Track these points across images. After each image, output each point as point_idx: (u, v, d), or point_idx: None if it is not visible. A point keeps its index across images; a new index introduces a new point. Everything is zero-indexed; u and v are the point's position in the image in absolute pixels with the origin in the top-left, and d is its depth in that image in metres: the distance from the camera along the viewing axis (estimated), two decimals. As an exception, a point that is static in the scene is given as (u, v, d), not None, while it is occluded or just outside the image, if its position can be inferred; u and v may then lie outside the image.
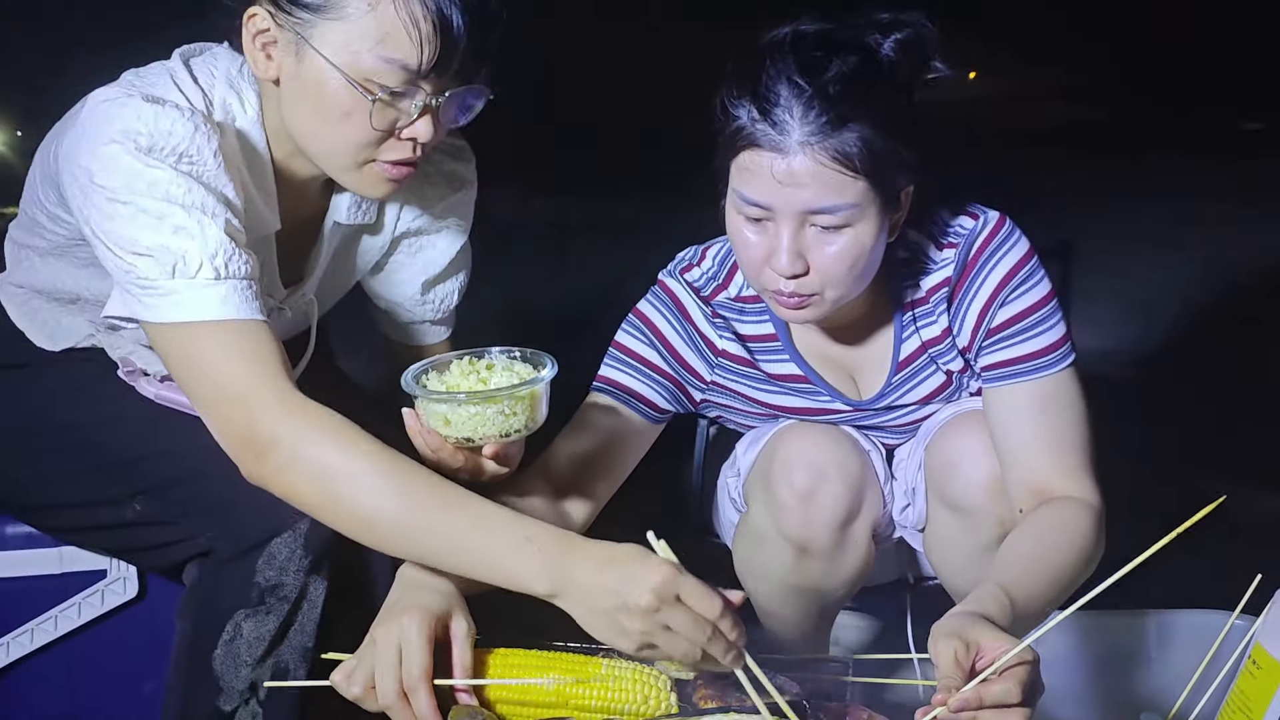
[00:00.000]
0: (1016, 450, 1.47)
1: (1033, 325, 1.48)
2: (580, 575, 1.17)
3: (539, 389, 1.30)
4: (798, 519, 1.53)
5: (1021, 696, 1.09)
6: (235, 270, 1.28)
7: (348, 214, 1.53)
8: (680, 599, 1.15)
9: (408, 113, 1.33)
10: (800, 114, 1.31)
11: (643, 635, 1.15)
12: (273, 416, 1.25)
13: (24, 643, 1.62)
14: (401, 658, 1.16)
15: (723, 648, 1.16)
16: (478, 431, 1.28)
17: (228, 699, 1.41)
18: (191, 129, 1.29)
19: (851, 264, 1.37)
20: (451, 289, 1.71)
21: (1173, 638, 1.57)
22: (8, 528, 1.61)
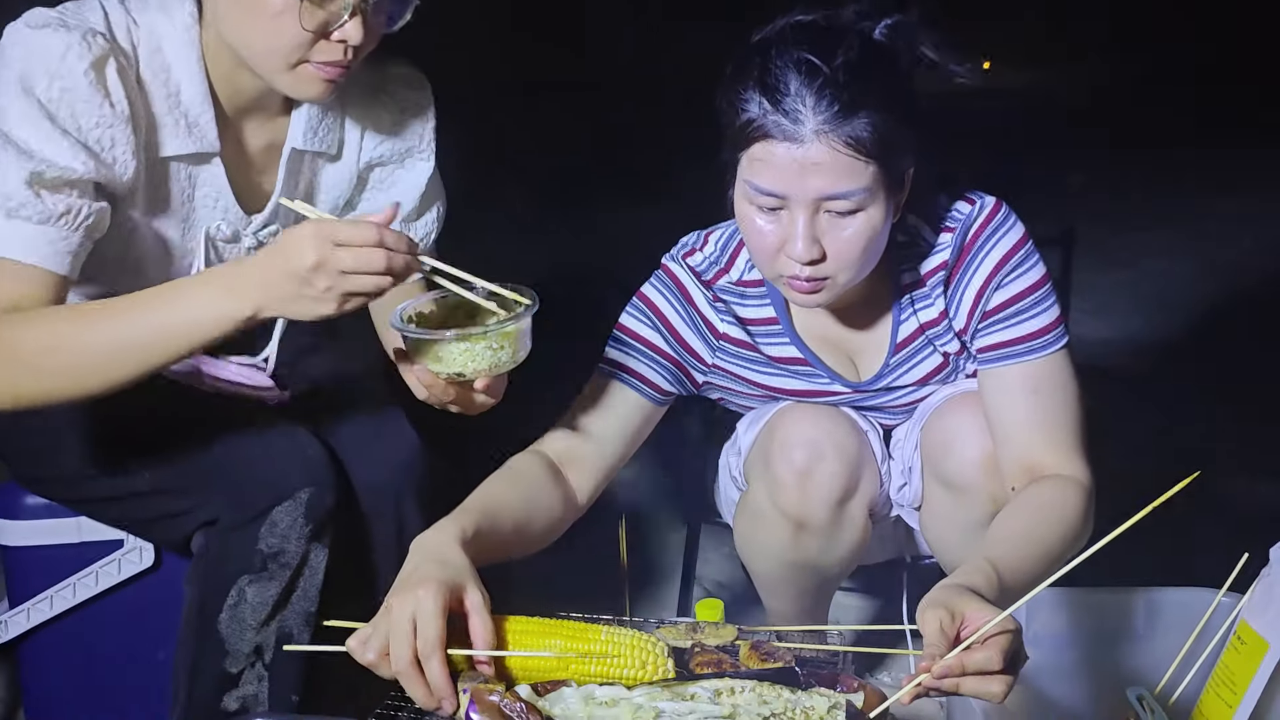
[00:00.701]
0: (1009, 429, 1.50)
1: (1027, 308, 1.51)
2: (260, 279, 1.25)
3: (525, 323, 1.35)
4: (795, 496, 1.56)
5: (1003, 664, 1.11)
6: (27, 214, 1.32)
7: (305, 139, 1.56)
8: (338, 242, 1.22)
9: (338, 15, 1.37)
10: (813, 103, 1.33)
11: (329, 291, 1.22)
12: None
13: (43, 609, 1.66)
14: (416, 627, 1.19)
15: (401, 261, 1.24)
16: (468, 367, 1.33)
17: (234, 661, 1.46)
18: (63, 48, 1.34)
19: (865, 247, 1.40)
20: (429, 222, 1.71)
21: (1161, 614, 1.59)
22: (28, 498, 1.65)
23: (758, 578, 1.73)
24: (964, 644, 1.12)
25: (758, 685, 1.21)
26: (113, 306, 1.32)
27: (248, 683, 1.48)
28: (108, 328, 1.30)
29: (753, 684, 1.21)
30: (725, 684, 1.22)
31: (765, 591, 1.75)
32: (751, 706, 1.18)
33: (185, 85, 1.45)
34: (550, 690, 1.23)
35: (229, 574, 1.47)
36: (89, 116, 1.36)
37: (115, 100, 1.38)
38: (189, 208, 1.52)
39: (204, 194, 1.52)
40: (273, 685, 1.49)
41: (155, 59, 1.43)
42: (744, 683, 1.22)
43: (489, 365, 1.33)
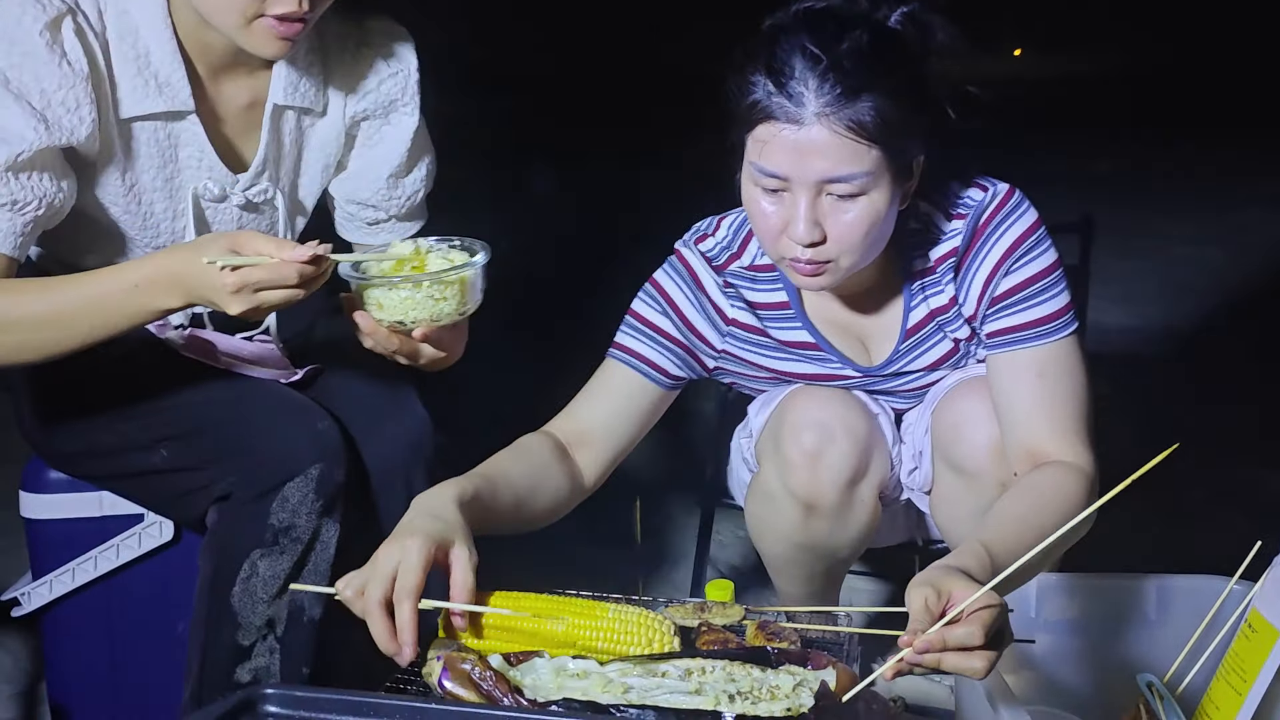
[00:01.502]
0: (1014, 414, 1.50)
1: (1036, 293, 1.51)
2: (183, 287, 1.31)
3: (468, 275, 1.35)
4: (805, 477, 1.57)
5: (984, 639, 1.11)
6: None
7: (285, 94, 1.56)
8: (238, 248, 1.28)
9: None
10: (815, 85, 1.34)
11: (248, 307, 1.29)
12: None
13: (65, 581, 1.69)
14: (397, 573, 1.21)
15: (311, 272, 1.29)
16: (409, 315, 1.34)
17: (246, 634, 1.48)
18: (18, 11, 1.36)
19: (866, 231, 1.40)
20: (418, 179, 1.70)
21: (1172, 601, 1.59)
22: (51, 473, 1.68)
23: (768, 559, 1.74)
24: (944, 619, 1.12)
25: (728, 664, 1.21)
26: (55, 284, 1.38)
27: (260, 655, 1.51)
28: (39, 314, 1.36)
29: (724, 663, 1.22)
30: (696, 663, 1.23)
31: (775, 573, 1.76)
32: (719, 684, 1.18)
33: (154, 45, 1.45)
34: (523, 660, 1.25)
35: (241, 548, 1.49)
36: (50, 79, 1.37)
37: (74, 60, 1.39)
38: (173, 168, 1.53)
39: (186, 154, 1.53)
40: (284, 658, 1.51)
41: (123, 21, 1.44)
42: (715, 662, 1.23)
43: (430, 314, 1.35)
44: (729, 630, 1.35)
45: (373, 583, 1.22)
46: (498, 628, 1.31)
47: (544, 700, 1.17)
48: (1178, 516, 2.43)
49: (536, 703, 1.17)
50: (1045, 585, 1.59)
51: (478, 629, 1.30)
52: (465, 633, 1.28)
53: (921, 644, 1.10)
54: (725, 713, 1.13)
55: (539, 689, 1.21)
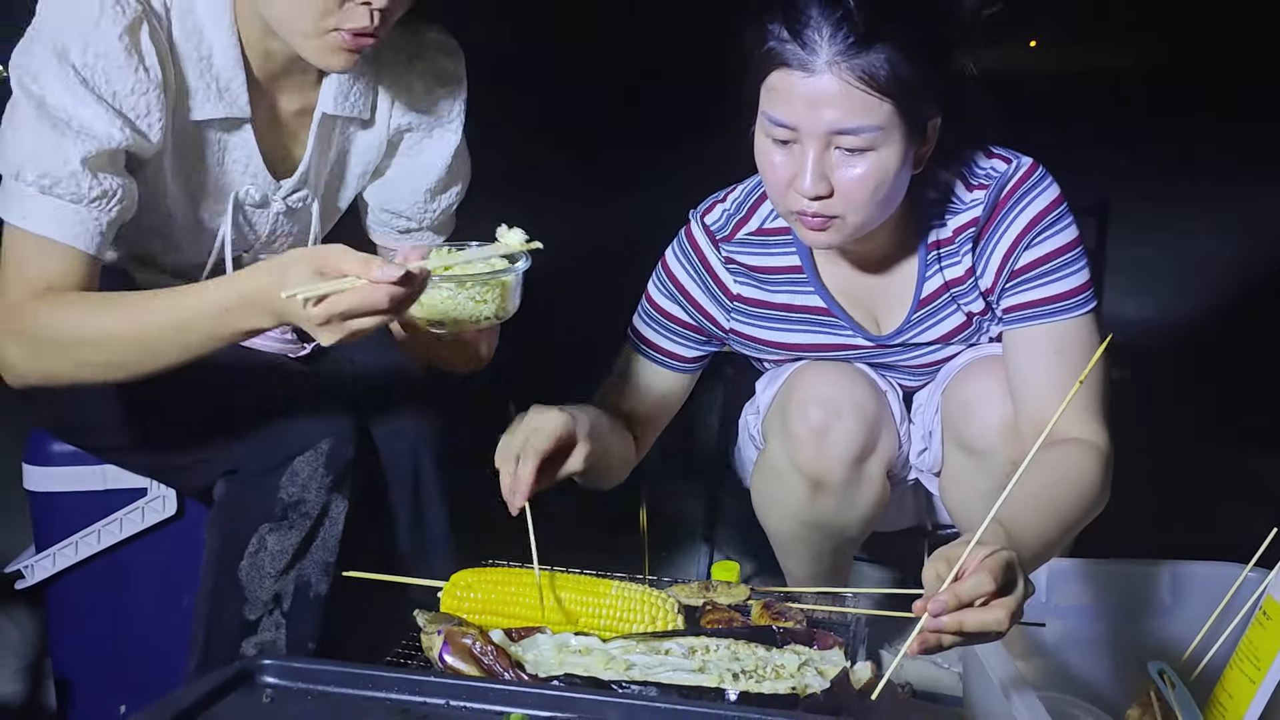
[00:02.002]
0: (1030, 390, 1.48)
1: (1057, 268, 1.49)
2: (269, 308, 1.25)
3: (510, 279, 1.34)
4: (812, 453, 1.55)
5: (995, 584, 1.08)
6: (61, 192, 1.33)
7: (335, 104, 1.55)
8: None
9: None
10: (829, 33, 1.33)
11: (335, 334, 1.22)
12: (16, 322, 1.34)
13: (69, 554, 1.68)
14: (531, 435, 1.34)
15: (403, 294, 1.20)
16: (449, 315, 1.32)
17: (252, 608, 1.47)
18: (96, 13, 1.33)
19: (874, 189, 1.38)
20: (454, 193, 1.69)
21: (1186, 588, 1.57)
22: (55, 445, 1.67)
23: (774, 538, 1.73)
24: (950, 575, 1.10)
25: (733, 643, 1.21)
26: (142, 304, 1.33)
27: (266, 630, 1.50)
28: (135, 324, 1.31)
29: (728, 642, 1.21)
30: (700, 641, 1.23)
31: (782, 552, 1.74)
32: (723, 662, 1.17)
33: (217, 49, 1.44)
34: (524, 636, 1.24)
35: (249, 522, 1.48)
36: (124, 83, 1.35)
37: (149, 65, 1.37)
38: (219, 171, 1.52)
39: (234, 158, 1.52)
40: (290, 633, 1.50)
41: (187, 21, 1.42)
42: (719, 640, 1.23)
43: (470, 315, 1.33)
44: (734, 610, 1.34)
45: (508, 436, 1.37)
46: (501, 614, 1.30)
47: (545, 676, 1.16)
48: (1192, 503, 2.41)
49: (537, 678, 1.16)
50: (1057, 571, 1.57)
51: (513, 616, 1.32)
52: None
53: (935, 605, 1.08)
54: (729, 690, 1.12)
55: (540, 665, 1.20)
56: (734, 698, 1.11)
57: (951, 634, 1.09)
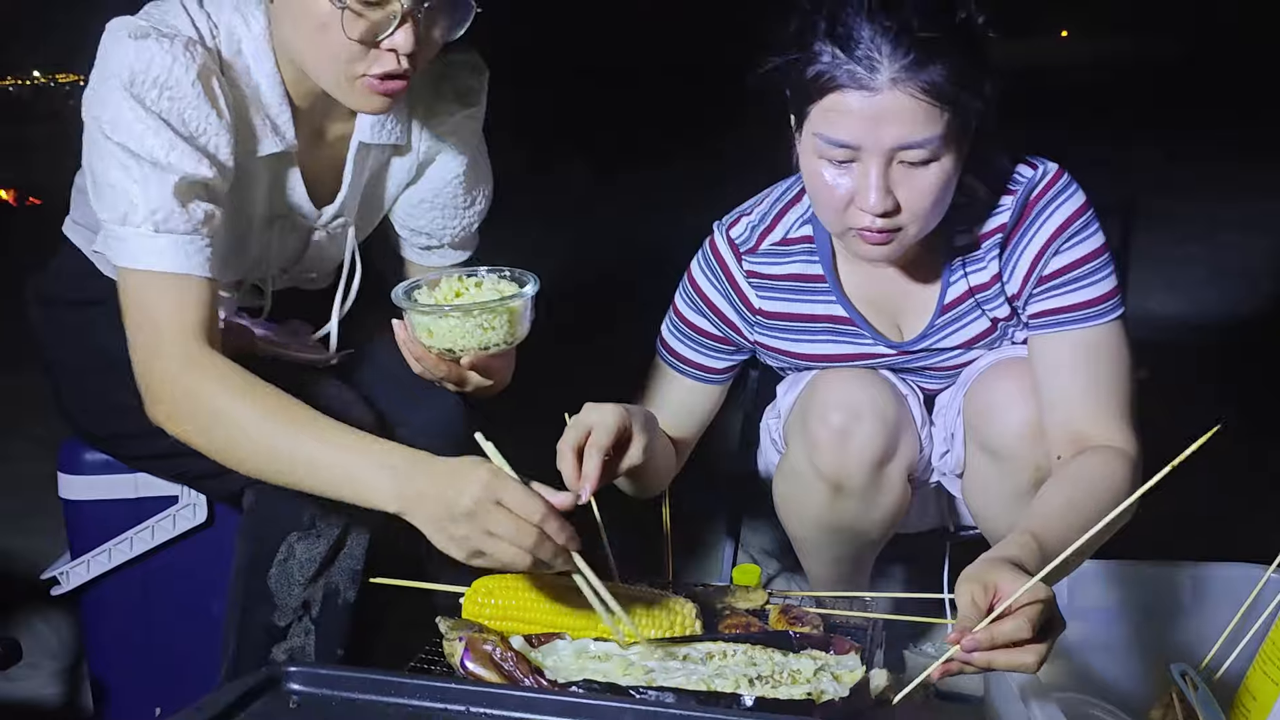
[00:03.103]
0: (1059, 397, 1.48)
1: (1085, 275, 1.49)
2: (422, 488, 1.23)
3: (517, 305, 1.37)
4: (832, 457, 1.56)
5: (1033, 632, 1.10)
6: (174, 225, 1.36)
7: (372, 133, 1.56)
8: (501, 503, 1.19)
9: (386, 23, 1.36)
10: (889, 50, 1.33)
11: (467, 540, 1.20)
12: (168, 371, 1.35)
13: (102, 561, 1.72)
14: (593, 429, 1.34)
15: (550, 550, 1.20)
16: (457, 343, 1.37)
17: (282, 615, 1.50)
18: (170, 60, 1.36)
19: (937, 198, 1.40)
20: (475, 211, 1.71)
21: (1208, 590, 1.57)
22: (87, 454, 1.71)
23: (796, 541, 1.74)
24: (992, 615, 1.10)
25: (749, 648, 1.22)
26: (313, 428, 1.31)
27: (295, 636, 1.52)
28: (290, 448, 1.30)
29: (745, 647, 1.22)
30: (718, 646, 1.24)
31: (804, 555, 1.75)
32: (739, 668, 1.19)
33: (264, 86, 1.46)
34: (544, 642, 1.26)
35: (278, 531, 1.51)
36: (199, 124, 1.38)
37: (221, 109, 1.40)
38: (266, 202, 1.55)
39: (280, 189, 1.55)
40: (319, 639, 1.52)
41: (237, 60, 1.45)
42: (736, 645, 1.24)
43: (479, 343, 1.37)
44: (752, 614, 1.35)
45: (569, 431, 1.35)
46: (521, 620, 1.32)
47: (565, 681, 1.18)
48: (1216, 504, 2.38)
49: (557, 684, 1.17)
50: (1078, 572, 1.56)
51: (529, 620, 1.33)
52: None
53: (969, 642, 1.09)
54: (745, 695, 1.13)
55: (560, 670, 1.21)
56: (750, 703, 1.12)
57: (977, 666, 1.11)
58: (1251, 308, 3.94)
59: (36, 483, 1.78)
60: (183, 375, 1.34)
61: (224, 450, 1.35)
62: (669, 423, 1.68)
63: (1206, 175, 5.73)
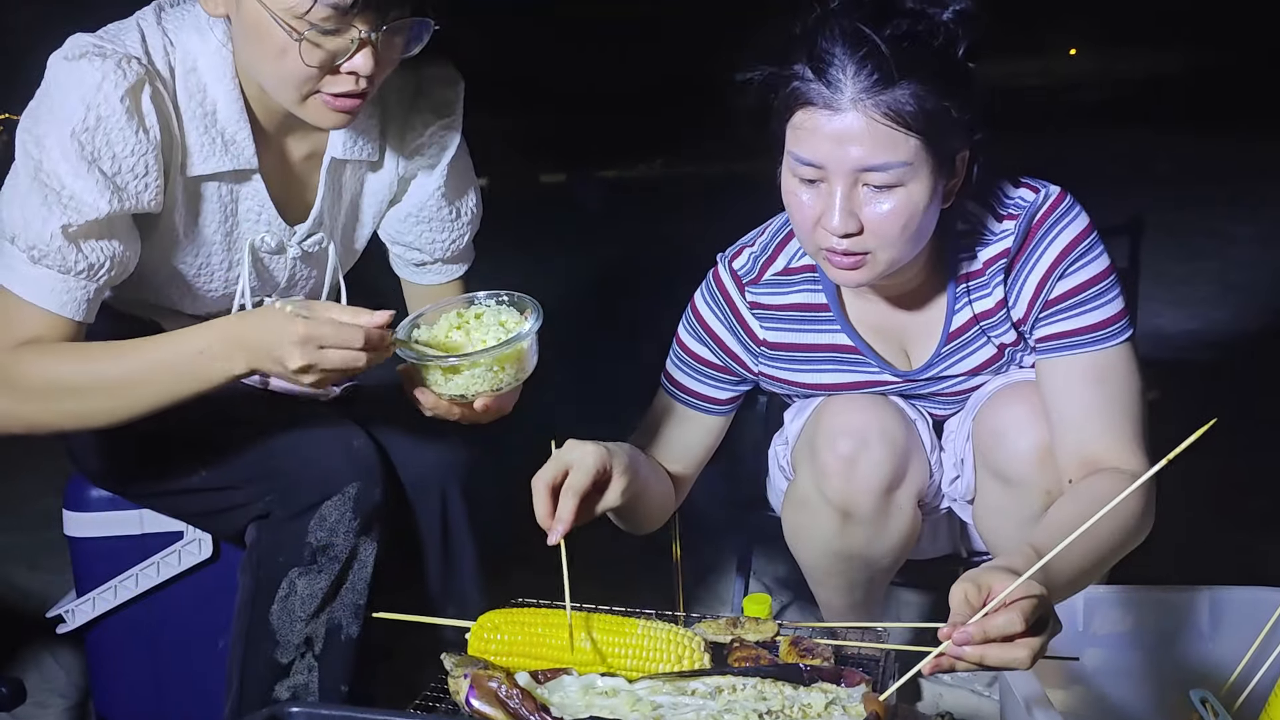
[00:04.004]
0: (1069, 421, 1.46)
1: (1092, 298, 1.47)
2: (252, 350, 1.31)
3: (524, 345, 1.34)
4: (840, 483, 1.54)
5: (1025, 626, 1.09)
6: (50, 263, 1.36)
7: (344, 148, 1.55)
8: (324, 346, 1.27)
9: (344, 49, 1.35)
10: (853, 71, 1.32)
11: (314, 383, 1.30)
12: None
13: (108, 598, 1.71)
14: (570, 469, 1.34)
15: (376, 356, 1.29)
16: (469, 389, 1.34)
17: (284, 652, 1.48)
18: (99, 78, 1.35)
19: (904, 224, 1.37)
20: (462, 224, 1.68)
21: (1227, 614, 1.54)
22: (92, 491, 1.70)
23: (807, 569, 1.72)
24: (983, 610, 1.10)
25: (760, 682, 1.20)
26: (119, 351, 1.37)
27: (298, 673, 1.51)
28: (111, 378, 1.36)
29: (754, 681, 1.20)
30: (727, 680, 1.22)
31: (815, 583, 1.73)
32: (749, 702, 1.16)
33: (221, 104, 1.45)
34: (551, 679, 1.24)
35: (279, 566, 1.50)
36: (123, 145, 1.37)
37: (149, 126, 1.39)
38: (232, 222, 1.54)
39: (246, 208, 1.53)
40: (323, 676, 1.51)
41: (191, 79, 1.44)
42: (746, 680, 1.22)
43: (490, 386, 1.35)
44: (762, 646, 1.33)
45: (547, 468, 1.35)
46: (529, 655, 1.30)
47: (571, 719, 1.16)
48: (1233, 526, 2.36)
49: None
50: (1094, 598, 1.55)
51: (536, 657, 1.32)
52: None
53: (960, 635, 1.08)
54: (754, 731, 1.11)
55: (566, 707, 1.20)
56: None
57: (969, 663, 1.10)
58: (1264, 324, 3.91)
59: (48, 520, 1.77)
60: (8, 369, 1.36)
61: (69, 416, 1.39)
62: (670, 455, 1.67)
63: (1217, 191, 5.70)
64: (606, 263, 4.28)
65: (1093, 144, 5.50)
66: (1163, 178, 5.81)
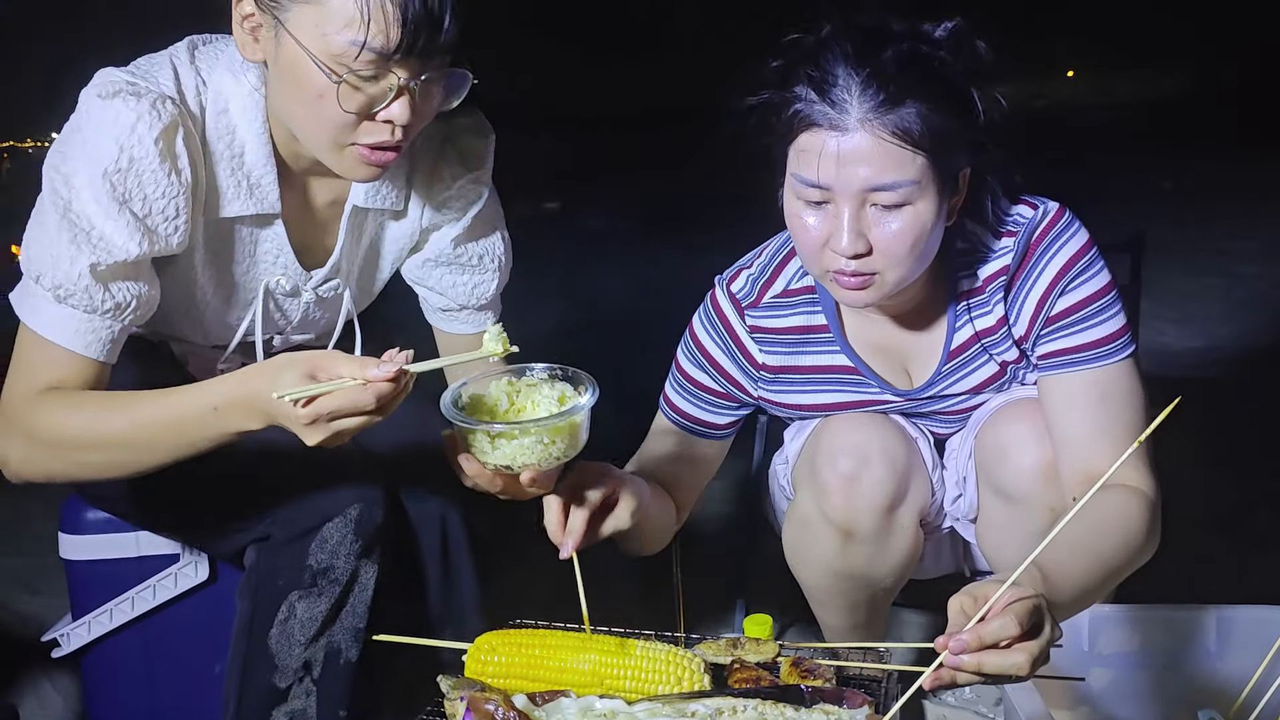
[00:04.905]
0: (1072, 438, 1.45)
1: (1093, 314, 1.47)
2: (259, 411, 1.26)
3: (578, 418, 1.27)
4: (841, 502, 1.53)
5: (1020, 630, 1.08)
6: (75, 303, 1.35)
7: (366, 197, 1.54)
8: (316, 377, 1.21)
9: (382, 96, 1.34)
10: (859, 91, 1.32)
11: (326, 439, 1.23)
12: (15, 422, 1.36)
13: (104, 622, 1.70)
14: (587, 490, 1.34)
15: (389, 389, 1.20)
16: (516, 460, 1.25)
17: (283, 676, 1.47)
18: (133, 118, 1.34)
19: (913, 243, 1.37)
20: (489, 273, 1.67)
21: (1234, 633, 1.52)
22: (89, 513, 1.69)
23: (808, 589, 1.70)
24: (976, 616, 1.09)
25: (760, 703, 1.18)
26: (137, 405, 1.34)
27: (296, 698, 1.49)
28: (122, 434, 1.33)
29: (755, 702, 1.19)
30: (728, 702, 1.20)
31: (816, 603, 1.71)
32: None
33: (249, 147, 1.45)
34: (549, 700, 1.22)
35: (279, 590, 1.48)
36: (154, 187, 1.36)
37: (180, 168, 1.38)
38: (249, 263, 1.53)
39: (265, 250, 1.53)
40: (321, 700, 1.49)
41: (221, 120, 1.43)
42: (746, 701, 1.20)
43: (538, 459, 1.25)
44: (762, 667, 1.32)
45: (562, 484, 1.34)
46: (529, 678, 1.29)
47: (569, 742, 1.15)
48: (1241, 545, 2.34)
49: (560, 744, 1.14)
50: (1100, 618, 1.53)
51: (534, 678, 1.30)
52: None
53: (956, 643, 1.07)
54: (754, 754, 1.09)
55: (564, 730, 1.18)
56: (761, 761, 1.08)
57: (969, 673, 1.09)
58: (1270, 341, 3.90)
59: (50, 544, 1.76)
60: (25, 417, 1.36)
61: (79, 467, 1.37)
62: (670, 479, 1.65)
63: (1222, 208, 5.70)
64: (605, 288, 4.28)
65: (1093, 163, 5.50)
66: (1165, 195, 5.81)
